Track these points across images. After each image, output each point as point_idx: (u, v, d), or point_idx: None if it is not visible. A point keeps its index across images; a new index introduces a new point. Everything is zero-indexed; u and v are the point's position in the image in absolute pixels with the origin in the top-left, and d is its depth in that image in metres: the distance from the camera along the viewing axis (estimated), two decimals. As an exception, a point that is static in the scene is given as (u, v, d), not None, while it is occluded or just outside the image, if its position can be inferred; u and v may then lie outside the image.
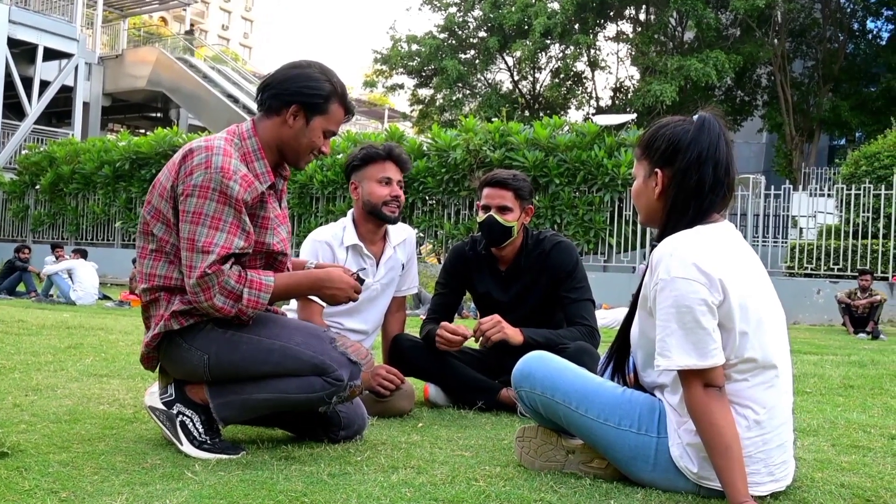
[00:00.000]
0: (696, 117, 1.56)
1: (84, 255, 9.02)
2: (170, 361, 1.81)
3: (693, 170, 1.51)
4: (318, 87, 1.76)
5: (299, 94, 1.75)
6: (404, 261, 2.55)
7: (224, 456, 1.71)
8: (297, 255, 2.44)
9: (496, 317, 2.37)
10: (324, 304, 2.27)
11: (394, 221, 2.42)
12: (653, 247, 1.55)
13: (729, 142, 1.55)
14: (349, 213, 2.50)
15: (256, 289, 1.71)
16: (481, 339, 2.33)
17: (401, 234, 2.54)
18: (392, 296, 2.57)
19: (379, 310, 2.52)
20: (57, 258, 8.99)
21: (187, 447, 1.74)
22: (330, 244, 2.39)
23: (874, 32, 19.55)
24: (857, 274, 8.12)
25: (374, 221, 2.43)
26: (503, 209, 2.44)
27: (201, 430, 1.76)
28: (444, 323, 2.42)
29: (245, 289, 1.70)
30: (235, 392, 1.76)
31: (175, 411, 1.78)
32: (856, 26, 19.27)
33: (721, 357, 1.43)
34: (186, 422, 1.76)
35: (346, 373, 1.73)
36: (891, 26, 18.83)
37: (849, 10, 18.74)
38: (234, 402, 1.76)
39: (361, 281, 1.88)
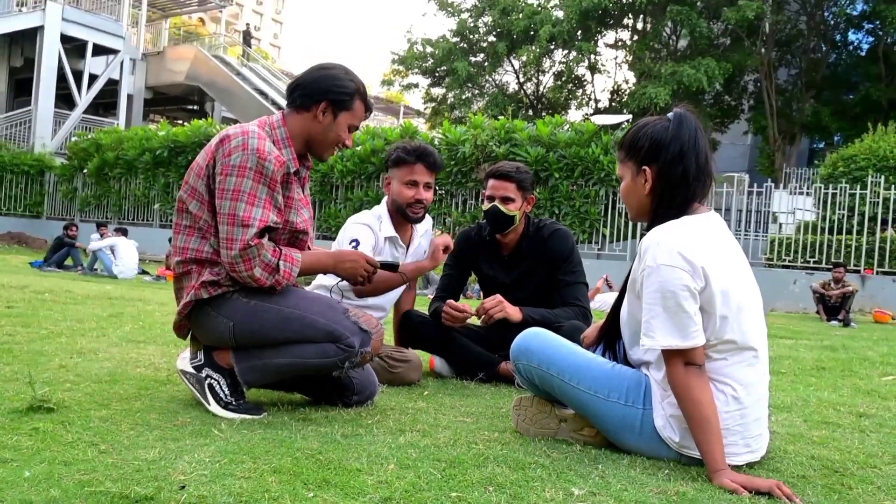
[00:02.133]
0: (671, 115, 1.54)
1: (125, 233, 9.07)
2: (199, 328, 1.81)
3: (677, 162, 1.49)
4: (345, 86, 1.79)
5: (329, 92, 1.78)
6: (426, 247, 2.54)
7: (248, 416, 1.72)
8: (336, 240, 2.42)
9: (498, 296, 2.36)
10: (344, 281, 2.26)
11: (416, 222, 2.41)
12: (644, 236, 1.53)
13: (703, 133, 1.54)
14: (383, 202, 2.47)
15: (289, 262, 1.73)
16: (484, 316, 2.32)
17: (424, 225, 2.53)
18: None
19: (399, 291, 2.51)
20: (101, 236, 9.05)
21: (214, 407, 1.75)
22: (372, 228, 2.37)
23: (854, 44, 19.19)
24: (831, 266, 8.03)
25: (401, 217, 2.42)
26: (506, 199, 2.43)
27: (227, 392, 1.76)
28: (450, 301, 2.41)
29: (280, 262, 1.72)
30: (258, 357, 1.77)
31: (204, 374, 1.79)
32: (838, 38, 18.91)
33: (701, 338, 1.42)
34: (214, 384, 1.77)
35: (357, 340, 1.73)
36: (871, 38, 18.47)
37: (832, 22, 18.38)
38: (256, 366, 1.77)
39: (395, 268, 1.95)
